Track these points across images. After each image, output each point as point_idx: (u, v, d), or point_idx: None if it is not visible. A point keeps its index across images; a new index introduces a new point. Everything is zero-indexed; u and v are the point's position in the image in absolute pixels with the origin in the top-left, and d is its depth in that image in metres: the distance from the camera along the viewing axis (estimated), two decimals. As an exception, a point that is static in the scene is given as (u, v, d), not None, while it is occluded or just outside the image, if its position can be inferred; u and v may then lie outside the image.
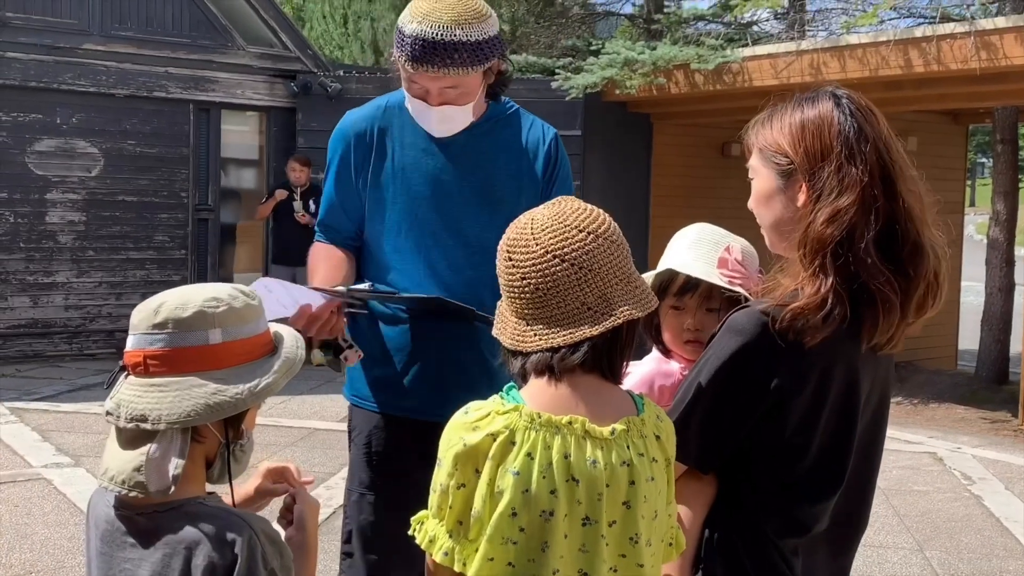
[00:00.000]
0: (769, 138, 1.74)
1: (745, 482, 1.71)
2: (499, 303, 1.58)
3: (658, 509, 1.54)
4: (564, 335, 1.50)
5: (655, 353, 2.10)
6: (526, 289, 1.51)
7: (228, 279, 10.43)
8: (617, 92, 9.42)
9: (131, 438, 1.54)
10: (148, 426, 1.50)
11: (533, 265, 1.50)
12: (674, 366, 2.06)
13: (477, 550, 1.48)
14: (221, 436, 1.59)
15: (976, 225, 25.62)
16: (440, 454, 1.51)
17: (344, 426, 2.88)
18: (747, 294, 1.93)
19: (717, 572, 1.71)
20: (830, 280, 1.61)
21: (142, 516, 1.56)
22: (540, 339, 1.50)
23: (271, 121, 10.22)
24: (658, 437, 1.55)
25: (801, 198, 1.68)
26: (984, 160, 35.10)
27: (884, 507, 5.69)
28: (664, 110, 10.18)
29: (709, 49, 8.98)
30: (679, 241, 2.07)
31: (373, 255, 2.62)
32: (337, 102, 9.79)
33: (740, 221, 2.26)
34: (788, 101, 1.77)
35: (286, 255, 9.29)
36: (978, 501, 5.94)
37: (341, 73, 10.50)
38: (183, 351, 1.55)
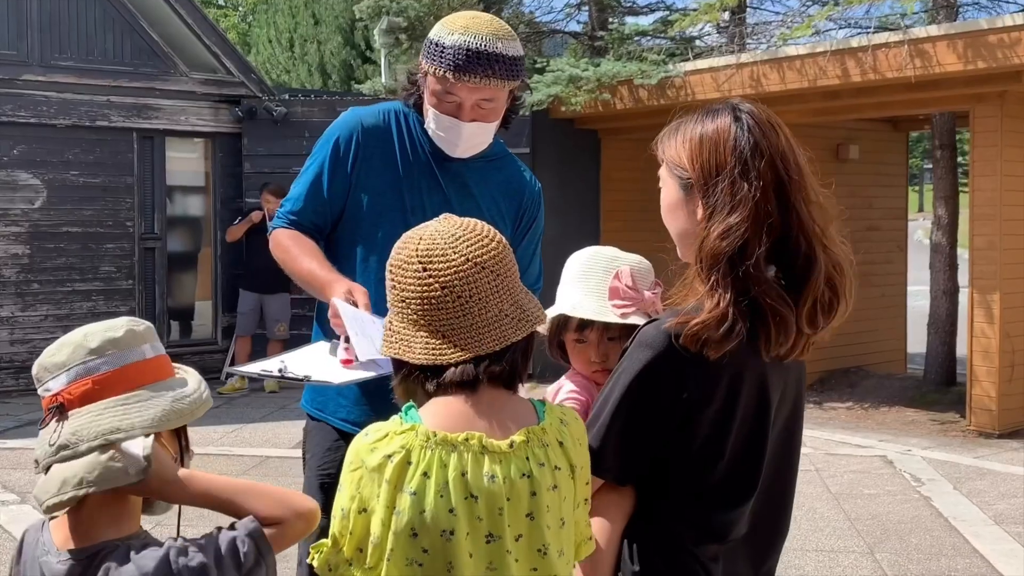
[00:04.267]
0: (672, 150, 1.76)
1: (661, 492, 1.72)
2: (387, 322, 1.57)
3: (564, 517, 1.53)
4: (490, 342, 1.50)
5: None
6: (445, 299, 1.50)
7: (177, 309, 10.33)
8: (563, 109, 9.48)
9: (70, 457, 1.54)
10: (122, 436, 1.51)
11: (455, 273, 1.50)
12: (593, 391, 2.08)
13: None
14: (175, 448, 1.63)
15: (924, 230, 26.03)
16: (342, 477, 1.50)
17: (297, 453, 2.83)
18: (643, 319, 1.95)
19: (630, 581, 1.71)
20: (728, 295, 1.63)
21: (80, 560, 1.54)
22: (462, 351, 1.50)
23: (216, 147, 10.13)
24: (561, 443, 1.55)
25: (699, 212, 1.70)
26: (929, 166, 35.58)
27: (835, 511, 5.74)
28: (611, 125, 10.24)
29: (652, 64, 9.07)
30: (568, 274, 2.10)
31: (337, 256, 2.56)
32: (283, 126, 9.77)
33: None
34: (693, 114, 1.79)
35: (255, 281, 9.20)
36: (927, 502, 6.01)
37: (287, 97, 10.47)
38: (128, 368, 1.58)
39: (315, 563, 1.53)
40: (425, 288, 1.51)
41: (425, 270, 1.51)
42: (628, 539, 1.73)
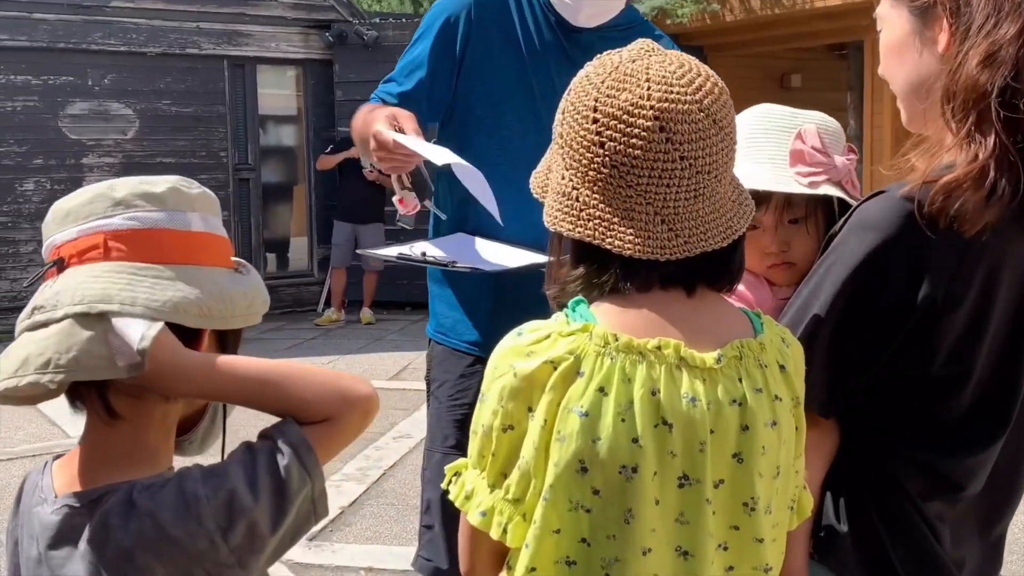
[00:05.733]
0: None
1: (877, 428, 1.32)
2: (566, 189, 1.15)
3: (781, 465, 1.14)
4: (716, 235, 1.11)
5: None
6: (682, 175, 1.10)
7: (273, 241, 10.18)
8: (668, 22, 8.91)
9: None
10: (114, 307, 1.07)
11: (701, 141, 1.09)
12: (763, 291, 1.64)
13: (525, 516, 1.10)
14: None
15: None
16: (484, 387, 1.14)
17: (395, 385, 2.50)
18: (841, 191, 1.52)
19: (843, 544, 1.31)
20: (991, 142, 1.19)
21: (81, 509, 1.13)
22: (686, 243, 1.10)
23: (308, 74, 9.87)
24: (783, 367, 1.15)
25: (942, 40, 1.27)
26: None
27: None
28: (718, 40, 9.65)
29: (766, -29, 8.42)
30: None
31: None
32: (374, 51, 9.44)
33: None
34: None
35: (350, 212, 8.97)
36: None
37: (377, 20, 10.11)
38: (157, 234, 1.14)
39: (451, 489, 1.19)
40: (660, 156, 1.09)
41: (663, 130, 1.09)
42: (832, 491, 1.33)
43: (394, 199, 2.13)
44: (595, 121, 1.11)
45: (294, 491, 1.11)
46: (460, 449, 2.13)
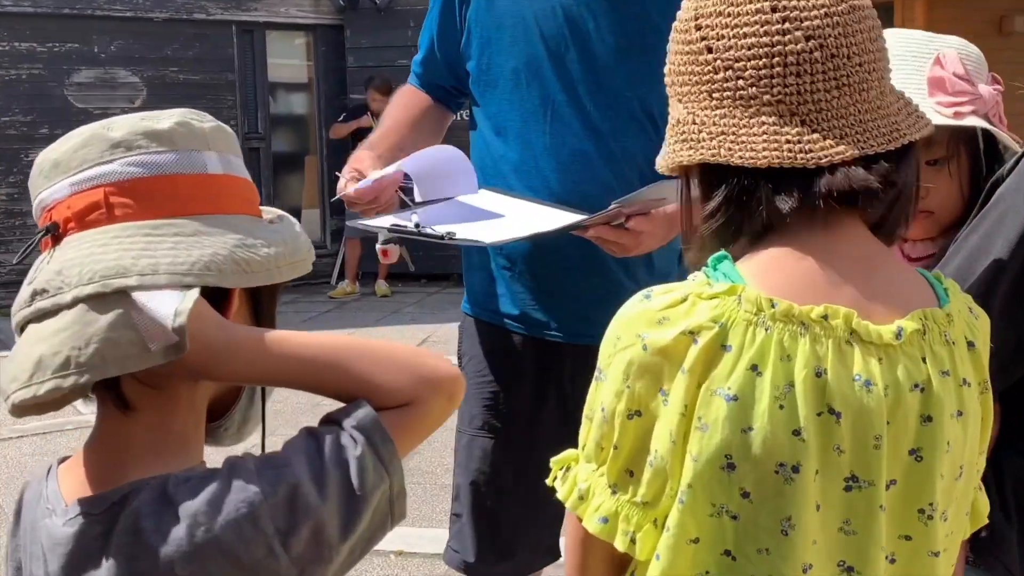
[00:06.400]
0: None
1: None
2: (681, 115, 0.96)
3: (965, 464, 0.94)
4: (879, 134, 0.91)
5: None
6: (812, 57, 0.91)
7: (285, 210, 9.95)
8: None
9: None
10: (132, 281, 0.87)
11: (827, 18, 0.93)
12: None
13: (656, 522, 0.91)
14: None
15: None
16: (601, 362, 0.95)
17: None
18: (983, 123, 1.31)
19: (1010, 546, 1.12)
20: None
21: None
22: (838, 141, 0.90)
23: (318, 40, 9.63)
24: (971, 344, 0.95)
25: None
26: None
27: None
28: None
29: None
30: None
31: (477, 122, 2.00)
32: (387, 15, 9.19)
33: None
34: None
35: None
36: None
37: (390, -16, 9.85)
38: (172, 180, 0.93)
39: (557, 486, 1.00)
40: (779, 40, 0.91)
41: (775, 10, 0.92)
42: (995, 472, 1.14)
43: (377, 247, 1.87)
44: (698, 28, 0.95)
45: (369, 489, 0.91)
46: (490, 431, 1.97)
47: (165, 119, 0.96)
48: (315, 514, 0.89)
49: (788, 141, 0.90)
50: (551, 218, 1.77)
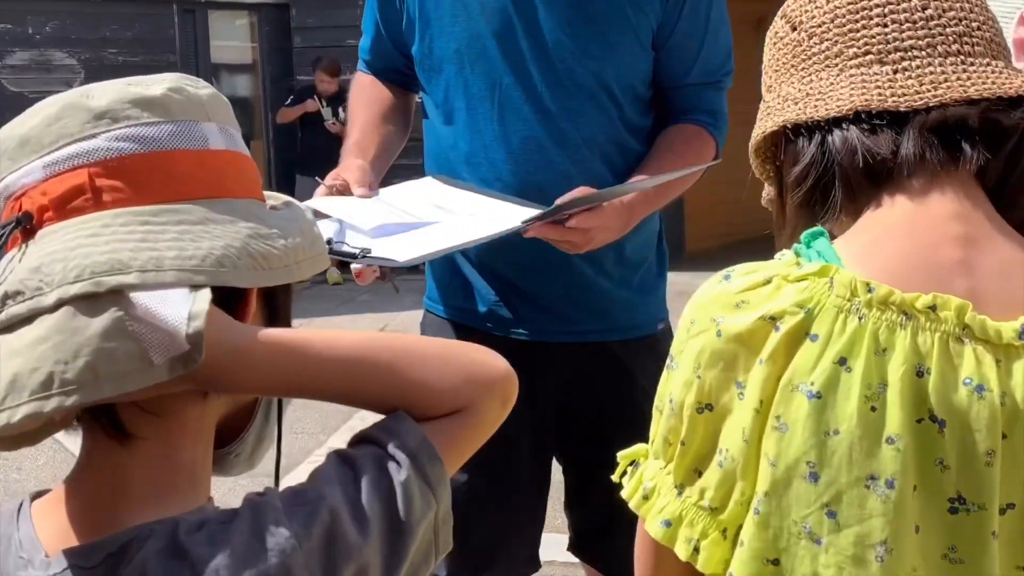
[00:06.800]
0: None
1: None
2: (772, 91, 0.89)
3: None
4: (981, 80, 0.81)
5: None
6: (904, 16, 0.83)
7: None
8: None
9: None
10: (131, 279, 0.71)
11: None
12: None
13: (725, 533, 0.79)
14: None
15: None
16: (674, 349, 0.84)
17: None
18: None
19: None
20: None
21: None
22: (933, 85, 0.80)
23: (263, 19, 9.40)
24: None
25: None
26: None
27: None
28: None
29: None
30: None
31: (428, 107, 1.86)
32: (335, -7, 8.99)
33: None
34: None
35: (311, 166, 8.54)
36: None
37: (336, -39, 9.64)
38: (170, 157, 0.77)
39: (623, 482, 0.89)
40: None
41: None
42: None
43: (352, 266, 1.71)
44: (782, 16, 0.91)
45: (416, 519, 0.77)
46: None
47: (156, 84, 0.80)
48: (357, 556, 0.74)
49: (878, 86, 0.82)
50: (490, 220, 1.60)
